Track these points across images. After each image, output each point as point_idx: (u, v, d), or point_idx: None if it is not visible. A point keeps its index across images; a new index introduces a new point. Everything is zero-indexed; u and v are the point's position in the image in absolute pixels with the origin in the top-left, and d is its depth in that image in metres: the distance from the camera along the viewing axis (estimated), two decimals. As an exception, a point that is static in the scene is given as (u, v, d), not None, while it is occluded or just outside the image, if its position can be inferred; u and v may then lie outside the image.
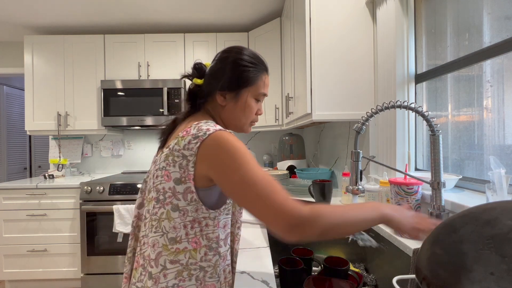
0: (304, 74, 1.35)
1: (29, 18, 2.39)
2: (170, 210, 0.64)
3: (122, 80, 2.44)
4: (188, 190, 0.63)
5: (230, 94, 0.73)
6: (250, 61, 0.74)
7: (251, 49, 0.78)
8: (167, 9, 2.29)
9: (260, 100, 0.77)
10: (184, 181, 0.63)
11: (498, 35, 0.80)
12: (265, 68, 0.77)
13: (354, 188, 0.79)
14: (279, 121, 2.27)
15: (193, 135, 0.62)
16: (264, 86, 0.76)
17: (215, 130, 0.63)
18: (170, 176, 0.64)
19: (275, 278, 0.62)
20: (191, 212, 0.64)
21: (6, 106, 3.66)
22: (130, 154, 2.89)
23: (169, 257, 0.64)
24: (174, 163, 0.64)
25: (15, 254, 2.22)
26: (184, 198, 0.64)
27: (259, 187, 0.56)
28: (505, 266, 0.36)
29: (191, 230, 0.65)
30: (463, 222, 0.44)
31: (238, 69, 0.73)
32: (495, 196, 0.62)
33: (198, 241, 0.65)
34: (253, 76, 0.73)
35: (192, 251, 0.65)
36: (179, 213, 0.64)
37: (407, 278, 0.62)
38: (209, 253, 0.66)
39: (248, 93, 0.74)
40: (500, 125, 0.80)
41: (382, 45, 1.20)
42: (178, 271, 0.64)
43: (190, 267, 0.64)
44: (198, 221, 0.65)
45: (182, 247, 0.64)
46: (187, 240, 0.64)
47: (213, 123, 0.68)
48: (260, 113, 0.79)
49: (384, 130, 1.20)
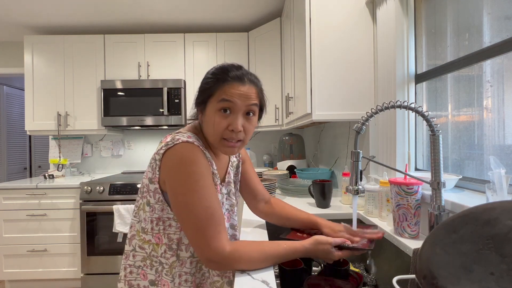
0: (304, 74, 1.35)
1: (29, 18, 2.39)
2: (145, 204, 0.71)
3: (122, 80, 2.44)
4: (156, 191, 0.69)
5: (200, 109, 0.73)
6: (212, 73, 0.71)
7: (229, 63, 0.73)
8: (167, 9, 2.29)
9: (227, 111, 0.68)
10: (153, 181, 0.69)
11: (498, 35, 0.80)
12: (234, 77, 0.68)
13: (354, 188, 0.79)
14: (279, 121, 2.27)
15: (166, 143, 0.67)
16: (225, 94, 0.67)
17: (182, 141, 0.65)
18: (147, 174, 0.71)
19: (275, 278, 0.62)
20: (157, 210, 0.69)
21: (6, 106, 3.66)
22: (130, 154, 2.89)
23: (139, 243, 0.72)
24: (150, 164, 0.71)
25: (15, 254, 2.22)
26: (154, 197, 0.69)
27: (198, 217, 0.62)
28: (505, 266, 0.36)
29: (156, 226, 0.70)
30: (463, 222, 0.44)
31: (202, 83, 0.73)
32: (495, 196, 0.62)
33: (160, 237, 0.70)
34: (211, 86, 0.69)
35: (155, 245, 0.71)
36: (149, 208, 0.70)
37: (407, 278, 0.62)
38: (168, 252, 0.70)
39: (211, 104, 0.69)
40: (500, 125, 0.80)
41: (382, 45, 1.20)
42: (143, 257, 0.71)
43: (152, 258, 0.71)
44: (163, 220, 0.70)
45: (148, 239, 0.71)
46: (151, 234, 0.71)
47: (191, 134, 0.70)
48: (232, 128, 0.67)
49: (384, 130, 1.20)
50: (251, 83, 0.70)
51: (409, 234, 0.82)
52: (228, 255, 0.62)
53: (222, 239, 0.63)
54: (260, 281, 0.60)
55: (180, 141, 0.65)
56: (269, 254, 0.66)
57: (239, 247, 0.64)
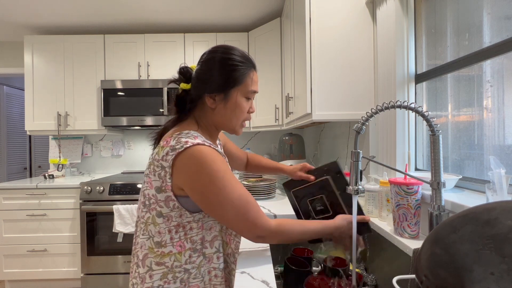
0: (304, 74, 1.35)
1: (29, 18, 2.39)
2: (155, 216, 0.66)
3: (122, 80, 2.44)
4: (169, 199, 0.65)
5: (220, 96, 0.71)
6: (237, 59, 0.71)
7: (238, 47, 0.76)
8: (167, 9, 2.29)
9: (250, 98, 0.76)
10: (164, 190, 0.65)
11: (498, 35, 0.80)
12: (253, 65, 0.75)
13: (354, 188, 0.79)
14: (279, 121, 2.27)
15: (171, 147, 0.64)
16: (252, 83, 0.74)
17: (193, 144, 0.63)
18: (152, 184, 0.66)
19: (275, 278, 0.62)
20: (175, 218, 0.66)
21: (6, 106, 3.66)
22: (130, 154, 2.89)
23: (155, 259, 0.66)
24: (154, 172, 0.66)
25: (15, 254, 2.22)
26: (167, 206, 0.66)
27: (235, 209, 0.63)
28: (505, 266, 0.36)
29: (176, 235, 0.67)
30: (463, 222, 0.44)
31: (225, 69, 0.71)
32: (495, 196, 0.62)
33: (183, 244, 0.67)
34: (241, 75, 0.71)
35: (177, 254, 0.67)
36: (163, 219, 0.66)
37: (407, 278, 0.62)
38: (193, 255, 0.68)
39: (237, 92, 0.72)
40: (500, 125, 0.80)
41: (382, 45, 1.20)
42: (164, 273, 0.66)
43: (175, 270, 0.67)
44: (183, 225, 0.67)
45: (167, 251, 0.66)
46: (171, 244, 0.66)
47: (195, 134, 0.67)
48: (252, 111, 0.77)
49: (384, 130, 1.20)
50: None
51: (409, 234, 0.82)
52: (275, 228, 0.67)
53: (265, 217, 0.67)
54: (260, 281, 0.60)
55: (190, 144, 0.62)
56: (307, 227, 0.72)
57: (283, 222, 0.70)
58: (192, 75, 0.74)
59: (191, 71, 0.75)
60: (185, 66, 0.75)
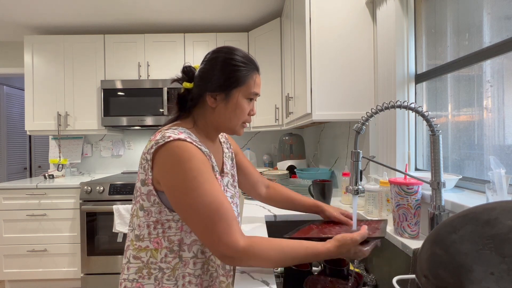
0: (304, 74, 1.35)
1: (29, 18, 2.39)
2: (138, 209, 0.67)
3: (122, 80, 2.44)
4: (151, 193, 0.65)
5: (221, 95, 0.71)
6: (240, 60, 0.72)
7: (242, 49, 0.76)
8: (167, 9, 2.29)
9: (252, 100, 0.76)
10: (146, 183, 0.65)
11: (498, 35, 0.80)
12: (256, 67, 0.75)
13: (354, 188, 0.79)
14: (279, 121, 2.27)
15: (156, 141, 0.64)
16: (255, 85, 0.74)
17: (174, 139, 0.62)
18: (139, 176, 0.67)
19: (275, 278, 0.62)
20: (154, 213, 0.66)
21: (6, 106, 3.66)
22: (130, 154, 2.89)
23: (133, 252, 0.67)
24: (141, 165, 0.67)
25: (15, 254, 2.22)
26: (148, 199, 0.66)
27: (203, 214, 0.59)
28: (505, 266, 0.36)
29: (154, 231, 0.66)
30: (463, 222, 0.44)
31: (228, 69, 0.71)
32: (495, 196, 0.62)
33: (160, 241, 0.66)
34: (243, 76, 0.71)
35: (153, 250, 0.66)
36: (144, 212, 0.66)
37: (407, 278, 0.62)
38: (169, 255, 0.66)
39: (239, 93, 0.72)
40: (500, 125, 0.80)
41: (382, 45, 1.20)
42: (139, 267, 0.67)
43: (150, 266, 0.66)
44: (161, 222, 0.66)
45: (144, 245, 0.67)
46: (149, 240, 0.66)
47: (181, 130, 0.67)
48: (253, 114, 0.77)
49: (384, 130, 1.20)
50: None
51: (409, 234, 0.82)
52: (242, 250, 0.58)
53: (235, 234, 0.59)
54: (260, 281, 0.60)
55: (171, 139, 0.62)
56: (288, 254, 0.61)
57: (255, 243, 0.60)
58: (195, 74, 0.74)
59: (194, 70, 0.75)
60: (189, 65, 0.75)
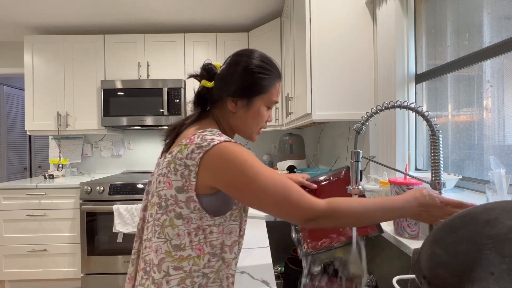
0: (304, 74, 1.35)
1: (29, 18, 2.39)
2: (173, 218, 0.64)
3: (122, 80, 2.44)
4: (191, 199, 0.63)
5: (242, 101, 0.70)
6: (264, 67, 0.71)
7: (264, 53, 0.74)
8: (167, 9, 2.29)
9: (271, 108, 0.75)
10: (186, 190, 0.62)
11: (498, 35, 0.80)
12: (279, 74, 0.74)
13: (354, 188, 0.79)
14: (279, 121, 2.27)
15: (197, 145, 0.61)
16: (277, 93, 0.73)
17: (220, 142, 0.61)
18: (172, 184, 0.63)
19: (275, 278, 0.62)
20: (195, 220, 0.63)
21: (6, 106, 3.66)
22: (130, 154, 2.89)
23: (173, 264, 0.63)
24: (176, 171, 0.63)
25: (15, 254, 2.22)
26: (187, 206, 0.63)
27: (273, 195, 0.59)
28: (505, 266, 0.36)
29: (195, 238, 0.64)
30: (463, 222, 0.44)
31: (252, 76, 0.70)
32: (495, 196, 0.62)
33: (202, 248, 0.64)
34: (267, 84, 0.71)
35: (196, 258, 0.64)
36: (183, 220, 0.63)
37: (407, 278, 0.62)
38: (212, 260, 0.65)
39: (261, 100, 0.71)
40: (500, 125, 0.80)
41: (382, 45, 1.20)
42: (181, 278, 0.63)
43: (193, 274, 0.64)
44: (203, 228, 0.64)
45: (186, 254, 0.63)
46: (191, 247, 0.64)
47: (218, 132, 0.66)
48: (270, 120, 0.77)
49: (384, 130, 1.20)
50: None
51: (409, 234, 0.82)
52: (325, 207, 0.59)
53: (310, 197, 0.60)
54: (260, 281, 0.60)
55: (217, 142, 0.61)
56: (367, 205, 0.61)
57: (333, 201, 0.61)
58: (216, 73, 0.72)
59: (216, 70, 0.73)
60: (210, 63, 0.73)
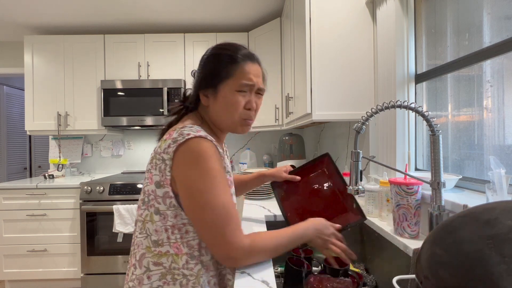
0: (304, 74, 1.35)
1: (29, 18, 2.39)
2: (153, 213, 0.64)
3: (122, 80, 2.44)
4: (167, 195, 0.63)
5: (210, 92, 0.70)
6: (220, 53, 0.69)
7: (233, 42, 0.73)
8: (167, 9, 2.29)
9: (246, 92, 0.69)
10: (162, 185, 0.63)
11: (498, 35, 0.80)
12: (246, 56, 0.69)
13: (354, 188, 0.79)
14: (279, 121, 2.27)
15: (173, 139, 0.62)
16: (245, 74, 0.68)
17: (195, 136, 0.61)
18: (153, 179, 0.64)
19: (275, 278, 0.62)
20: (170, 218, 0.63)
21: (6, 106, 3.66)
22: (130, 154, 2.89)
23: (152, 259, 0.63)
24: (155, 166, 0.64)
25: (15, 254, 2.22)
26: (164, 202, 0.63)
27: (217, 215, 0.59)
28: (505, 266, 0.36)
29: (172, 235, 0.63)
30: (463, 222, 0.44)
31: (209, 64, 0.70)
32: (495, 196, 0.62)
33: (179, 247, 0.63)
34: (229, 68, 0.67)
35: (174, 255, 0.63)
36: (160, 216, 0.64)
37: (407, 278, 0.62)
38: (190, 262, 0.63)
39: (227, 87, 0.68)
40: (500, 125, 0.80)
41: (382, 45, 1.20)
42: (162, 273, 0.63)
43: (173, 271, 0.63)
44: (178, 227, 0.63)
45: (165, 250, 0.63)
46: (169, 244, 0.63)
47: (198, 128, 0.65)
48: (250, 107, 0.70)
49: (384, 130, 1.20)
50: (258, 62, 0.73)
51: (409, 234, 0.82)
52: (248, 248, 0.61)
53: (241, 234, 0.61)
54: (260, 281, 0.60)
55: (192, 136, 0.61)
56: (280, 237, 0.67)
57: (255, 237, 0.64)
58: None
59: None
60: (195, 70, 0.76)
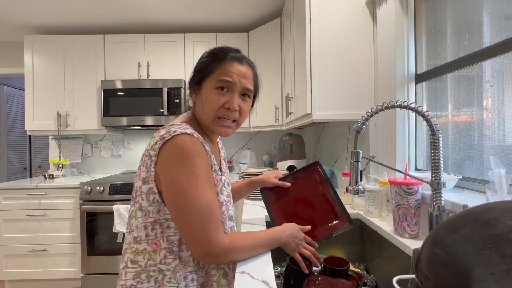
0: (304, 74, 1.35)
1: (29, 18, 2.39)
2: (137, 209, 0.65)
3: (122, 80, 2.44)
4: (151, 191, 0.63)
5: (197, 89, 0.72)
6: (210, 51, 0.72)
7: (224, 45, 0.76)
8: (167, 9, 2.29)
9: (225, 89, 0.68)
10: (147, 181, 0.63)
11: (498, 35, 0.80)
12: (234, 57, 0.70)
13: (354, 188, 0.79)
14: (279, 121, 2.27)
15: (161, 136, 0.63)
16: (226, 72, 0.68)
17: (181, 133, 0.61)
18: (140, 175, 0.65)
19: (275, 278, 0.62)
20: (152, 213, 0.64)
21: (6, 106, 3.66)
22: (130, 154, 2.89)
23: (130, 256, 0.65)
24: (143, 162, 0.65)
25: (15, 254, 2.22)
26: (147, 199, 0.64)
27: (200, 213, 0.60)
28: (505, 266, 0.36)
29: (152, 232, 0.64)
30: (463, 222, 0.44)
31: (198, 63, 0.72)
32: (495, 196, 0.62)
33: (158, 242, 0.64)
34: (212, 67, 0.69)
35: (152, 252, 0.64)
36: (142, 213, 0.64)
37: (407, 278, 0.62)
38: (169, 256, 0.64)
39: (208, 83, 0.69)
40: (500, 125, 0.80)
41: (382, 45, 1.20)
42: (137, 272, 0.64)
43: (149, 269, 0.64)
44: (160, 222, 0.64)
45: (142, 248, 0.64)
46: (146, 242, 0.64)
47: (186, 126, 0.66)
48: (229, 106, 0.68)
49: (384, 130, 1.20)
50: (249, 65, 0.73)
51: (409, 234, 0.82)
52: (227, 246, 0.62)
53: (222, 233, 0.63)
54: (260, 281, 0.60)
55: (178, 133, 0.61)
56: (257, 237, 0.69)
57: (234, 236, 0.66)
58: None
59: None
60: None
